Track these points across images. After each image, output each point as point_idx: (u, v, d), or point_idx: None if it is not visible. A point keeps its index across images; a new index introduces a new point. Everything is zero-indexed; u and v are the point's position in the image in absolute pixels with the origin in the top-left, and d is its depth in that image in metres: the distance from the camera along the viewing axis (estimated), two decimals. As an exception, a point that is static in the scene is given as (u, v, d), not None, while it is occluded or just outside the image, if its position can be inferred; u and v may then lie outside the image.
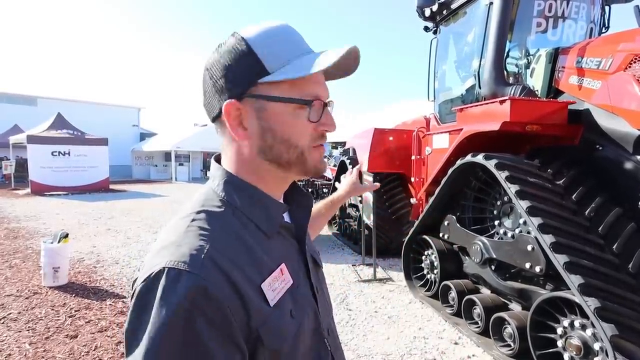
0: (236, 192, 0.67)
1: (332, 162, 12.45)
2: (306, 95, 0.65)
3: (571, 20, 3.71)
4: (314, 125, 0.67)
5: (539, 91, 3.48)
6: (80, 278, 4.71)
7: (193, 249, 0.56)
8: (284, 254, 0.69)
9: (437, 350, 3.09)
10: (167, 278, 0.52)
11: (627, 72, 2.65)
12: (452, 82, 4.70)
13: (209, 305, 0.52)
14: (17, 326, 3.40)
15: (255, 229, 0.66)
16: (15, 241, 6.52)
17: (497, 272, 3.18)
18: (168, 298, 0.50)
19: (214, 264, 0.55)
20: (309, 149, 0.67)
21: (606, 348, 2.04)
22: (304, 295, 0.70)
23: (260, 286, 0.60)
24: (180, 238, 0.58)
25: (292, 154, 0.66)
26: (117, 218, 8.97)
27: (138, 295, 0.53)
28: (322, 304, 0.77)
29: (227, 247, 0.59)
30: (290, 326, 0.62)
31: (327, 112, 0.69)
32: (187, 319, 0.50)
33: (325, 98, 0.68)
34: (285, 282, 0.66)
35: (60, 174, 14.28)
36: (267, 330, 0.58)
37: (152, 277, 0.52)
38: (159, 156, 24.40)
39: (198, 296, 0.51)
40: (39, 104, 22.58)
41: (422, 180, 4.81)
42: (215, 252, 0.57)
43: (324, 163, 0.72)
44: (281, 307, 0.62)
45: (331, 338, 0.76)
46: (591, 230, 2.50)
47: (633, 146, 2.59)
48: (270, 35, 0.65)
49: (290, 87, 0.64)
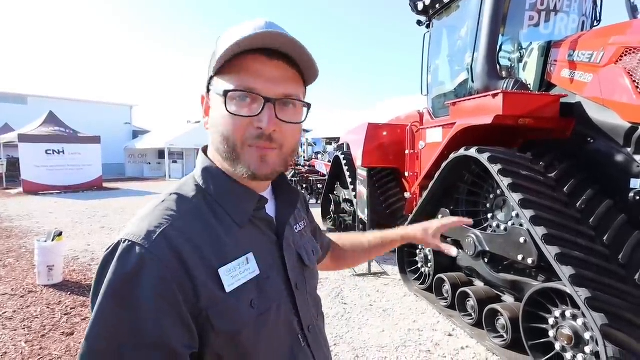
0: (211, 180, 0.71)
1: (327, 158, 12.47)
2: (238, 86, 0.64)
3: (563, 14, 3.73)
4: (248, 120, 0.64)
5: (532, 85, 3.51)
6: (75, 276, 4.69)
7: (151, 226, 0.60)
8: (255, 245, 0.70)
9: (431, 342, 3.12)
10: (122, 250, 0.57)
11: (618, 64, 2.67)
12: (445, 76, 4.71)
13: (152, 277, 0.56)
14: (12, 325, 3.38)
15: (225, 216, 0.68)
16: (8, 240, 6.47)
17: (490, 264, 3.21)
18: (118, 267, 0.56)
19: (167, 241, 0.59)
20: (242, 146, 0.66)
21: (596, 337, 2.08)
22: (273, 288, 0.70)
23: (218, 270, 0.62)
24: (145, 215, 0.63)
25: (226, 147, 0.67)
26: (111, 216, 8.92)
27: (100, 264, 0.59)
28: (303, 301, 0.77)
29: (187, 228, 0.62)
30: (247, 315, 0.63)
31: (267, 107, 0.64)
32: (130, 287, 0.55)
33: (266, 93, 0.64)
34: (250, 272, 0.66)
35: (54, 173, 14.12)
36: (217, 314, 0.60)
37: (112, 248, 0.59)
38: (152, 154, 24.22)
39: (144, 268, 0.56)
40: (30, 103, 22.27)
41: (416, 175, 4.84)
42: (172, 231, 0.60)
43: (264, 166, 0.67)
44: (239, 294, 0.63)
45: (312, 336, 0.77)
46: (582, 222, 2.53)
47: (624, 138, 2.62)
48: (233, 31, 0.66)
49: (227, 80, 0.65)
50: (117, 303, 0.55)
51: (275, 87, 0.65)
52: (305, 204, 0.99)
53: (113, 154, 22.90)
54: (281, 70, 0.66)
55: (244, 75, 0.64)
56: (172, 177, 21.16)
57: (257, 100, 0.64)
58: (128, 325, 0.54)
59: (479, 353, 2.96)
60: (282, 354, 0.70)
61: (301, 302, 0.76)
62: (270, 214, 0.77)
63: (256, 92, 0.63)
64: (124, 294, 0.55)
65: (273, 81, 0.64)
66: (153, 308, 0.55)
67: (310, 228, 0.98)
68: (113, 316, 0.55)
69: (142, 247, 0.57)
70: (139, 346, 0.54)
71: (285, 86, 0.66)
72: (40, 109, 17.08)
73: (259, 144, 0.65)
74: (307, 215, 0.98)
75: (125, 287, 0.55)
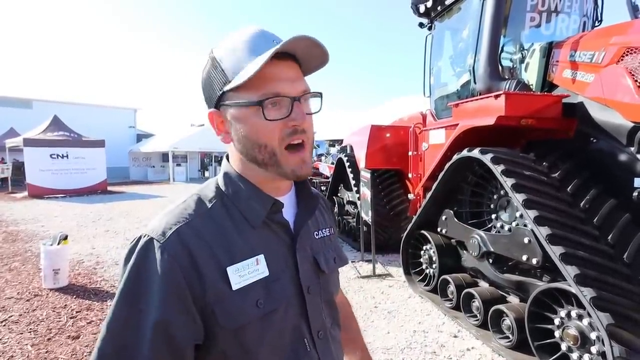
0: (230, 184, 0.75)
1: (330, 160, 12.47)
2: (264, 94, 0.67)
3: (564, 15, 3.73)
4: (281, 122, 0.69)
5: (534, 85, 3.51)
6: (81, 279, 4.72)
7: (169, 223, 0.67)
8: (266, 247, 0.73)
9: (436, 344, 3.12)
10: (140, 244, 0.65)
11: (619, 64, 2.67)
12: (447, 77, 4.72)
13: (165, 270, 0.62)
14: (18, 328, 3.41)
15: (241, 218, 0.72)
16: (14, 244, 6.51)
17: (494, 265, 3.21)
18: (136, 259, 0.64)
19: (180, 238, 0.65)
20: (281, 150, 0.70)
21: (602, 337, 2.08)
22: (282, 290, 0.72)
23: (226, 269, 0.66)
24: (167, 213, 0.69)
25: (265, 155, 0.70)
26: (115, 219, 8.97)
27: (125, 254, 0.66)
28: (314, 306, 0.77)
29: (201, 227, 0.67)
30: (251, 313, 0.66)
31: (296, 105, 0.69)
32: (144, 277, 0.62)
33: (291, 93, 0.68)
34: (259, 273, 0.69)
35: (59, 177, 14.21)
36: (222, 310, 0.64)
37: (134, 241, 0.66)
38: (156, 157, 24.32)
39: (157, 260, 0.62)
40: (35, 107, 22.45)
41: (419, 176, 4.84)
42: (186, 229, 0.66)
43: (305, 167, 0.72)
44: (245, 293, 0.67)
45: (322, 342, 0.78)
46: (586, 221, 2.53)
47: (626, 138, 2.62)
48: (233, 45, 0.70)
49: (248, 90, 0.68)
50: (132, 292, 0.62)
51: (295, 86, 0.70)
52: (331, 213, 0.99)
53: (117, 158, 22.99)
54: (293, 69, 0.71)
55: (268, 82, 0.67)
56: (176, 180, 21.23)
57: (284, 102, 0.68)
58: (138, 311, 0.61)
59: (485, 354, 2.96)
60: (286, 355, 0.71)
61: (312, 306, 0.77)
62: (290, 218, 0.79)
63: (283, 95, 0.68)
64: (138, 282, 0.62)
65: (292, 80, 0.69)
66: (162, 295, 0.61)
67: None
68: (130, 297, 0.62)
69: (157, 242, 0.64)
70: (146, 329, 0.60)
71: (301, 83, 0.71)
72: (45, 113, 17.21)
73: (293, 140, 0.70)
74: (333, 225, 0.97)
75: (139, 276, 0.62)
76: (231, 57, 0.69)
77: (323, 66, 0.76)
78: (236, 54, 0.69)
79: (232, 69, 0.68)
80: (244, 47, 0.69)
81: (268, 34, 0.71)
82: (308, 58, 0.72)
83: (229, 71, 0.69)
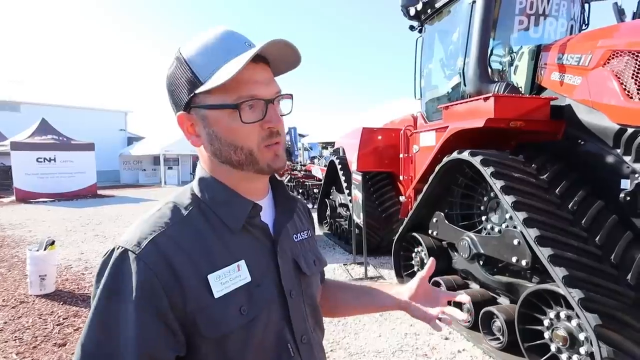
0: (206, 189, 0.73)
1: (323, 162, 12.47)
2: (240, 97, 0.66)
3: (552, 18, 3.78)
4: (258, 124, 0.68)
5: (523, 88, 3.54)
6: (68, 285, 4.64)
7: (144, 233, 0.64)
8: (247, 252, 0.71)
9: (428, 346, 3.12)
10: (115, 256, 0.62)
11: (605, 67, 2.71)
12: (438, 80, 4.75)
13: (141, 282, 0.59)
14: (3, 336, 3.34)
15: (220, 223, 0.70)
16: (0, 250, 6.40)
17: (485, 267, 3.22)
18: (110, 272, 0.61)
19: (157, 248, 0.62)
20: (258, 149, 0.69)
21: (591, 338, 2.09)
22: (264, 295, 0.71)
23: (207, 276, 0.64)
24: (140, 223, 0.67)
25: (241, 155, 0.69)
26: (105, 224, 8.85)
27: (97, 268, 0.64)
28: (297, 310, 0.76)
29: (178, 235, 0.65)
30: (235, 321, 0.65)
31: (271, 107, 0.69)
32: (119, 291, 0.59)
33: (265, 95, 0.68)
34: (241, 279, 0.68)
35: (46, 181, 14.00)
36: (203, 318, 0.62)
37: (107, 253, 0.64)
38: (147, 160, 24.10)
39: (133, 273, 0.60)
40: (22, 110, 22.11)
41: (410, 178, 4.85)
42: (163, 238, 0.64)
43: (279, 160, 0.72)
44: (228, 300, 0.65)
45: (306, 347, 0.76)
46: (574, 223, 2.55)
47: (613, 140, 2.65)
48: (204, 46, 0.68)
49: (223, 93, 0.66)
50: (108, 310, 0.59)
51: (269, 88, 0.69)
52: (309, 216, 0.98)
53: (108, 161, 22.74)
54: (266, 72, 0.71)
55: (244, 84, 0.66)
56: (168, 183, 21.06)
57: (259, 104, 0.68)
58: (114, 327, 0.58)
59: (476, 356, 2.96)
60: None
61: (295, 310, 0.75)
62: (269, 221, 0.77)
63: (259, 97, 0.67)
64: (114, 301, 0.59)
65: (266, 83, 0.69)
66: (139, 310, 0.58)
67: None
68: (105, 316, 0.59)
69: (132, 253, 0.61)
70: (124, 347, 0.57)
71: (274, 85, 0.71)
72: (34, 116, 16.93)
73: (271, 142, 0.70)
74: (312, 228, 0.96)
75: (115, 293, 0.60)
76: (203, 59, 0.67)
77: (294, 68, 0.76)
78: (208, 55, 0.67)
79: (204, 70, 0.67)
80: (216, 48, 0.68)
81: (239, 35, 0.71)
82: (280, 60, 0.72)
83: (201, 73, 0.67)
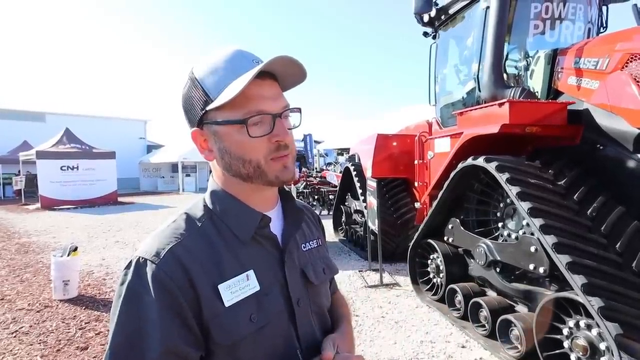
0: (218, 202, 0.76)
1: (338, 169, 12.48)
2: (248, 112, 0.69)
3: (568, 22, 3.73)
4: (266, 138, 0.71)
5: (539, 92, 3.49)
6: (90, 290, 4.77)
7: (162, 244, 0.68)
8: (257, 262, 0.74)
9: (444, 354, 3.08)
10: (135, 266, 0.66)
11: (624, 71, 2.66)
12: (452, 85, 4.73)
13: (162, 289, 0.63)
14: (28, 339, 3.45)
15: (230, 234, 0.73)
16: (26, 255, 6.62)
17: (502, 274, 3.17)
18: (132, 281, 0.64)
19: (174, 257, 0.66)
20: (266, 161, 0.72)
21: (612, 347, 2.04)
22: (273, 304, 0.73)
23: (218, 286, 0.67)
24: (158, 234, 0.71)
25: (249, 168, 0.72)
26: (125, 230, 9.06)
27: (119, 279, 0.67)
28: (304, 318, 0.78)
29: (193, 246, 0.68)
30: (245, 329, 0.67)
31: (278, 122, 0.72)
32: (142, 299, 0.62)
33: (273, 110, 0.71)
34: (250, 288, 0.71)
35: (70, 188, 14.46)
36: (216, 325, 0.65)
37: (128, 264, 0.67)
38: (166, 168, 24.60)
39: (154, 281, 0.63)
40: (48, 120, 22.93)
41: (425, 185, 4.82)
42: (179, 248, 0.68)
43: (287, 172, 0.74)
44: (238, 309, 0.68)
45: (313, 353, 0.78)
46: (593, 229, 2.49)
47: (633, 144, 2.59)
48: (214, 65, 0.72)
49: (232, 109, 0.70)
50: (131, 313, 0.63)
51: (276, 103, 0.72)
52: (319, 225, 1.00)
53: (128, 169, 23.31)
54: (274, 87, 0.74)
55: (251, 100, 0.69)
56: (186, 190, 21.42)
57: (267, 119, 0.71)
58: (140, 333, 0.61)
59: (493, 365, 2.91)
60: None
61: (301, 319, 0.78)
62: (277, 232, 0.80)
63: (266, 112, 0.70)
64: (137, 305, 0.63)
65: (273, 98, 0.72)
66: (161, 309, 0.62)
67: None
68: (128, 325, 0.62)
69: (152, 263, 0.65)
70: (152, 351, 0.60)
71: (281, 99, 0.74)
72: (58, 125, 17.55)
73: (279, 155, 0.72)
74: (322, 236, 0.97)
75: (137, 299, 0.63)
76: (213, 77, 0.71)
77: (301, 82, 0.79)
78: (218, 73, 0.71)
79: (214, 88, 0.70)
80: (225, 67, 0.71)
81: (247, 54, 0.74)
82: (286, 76, 0.75)
83: (211, 90, 0.71)
